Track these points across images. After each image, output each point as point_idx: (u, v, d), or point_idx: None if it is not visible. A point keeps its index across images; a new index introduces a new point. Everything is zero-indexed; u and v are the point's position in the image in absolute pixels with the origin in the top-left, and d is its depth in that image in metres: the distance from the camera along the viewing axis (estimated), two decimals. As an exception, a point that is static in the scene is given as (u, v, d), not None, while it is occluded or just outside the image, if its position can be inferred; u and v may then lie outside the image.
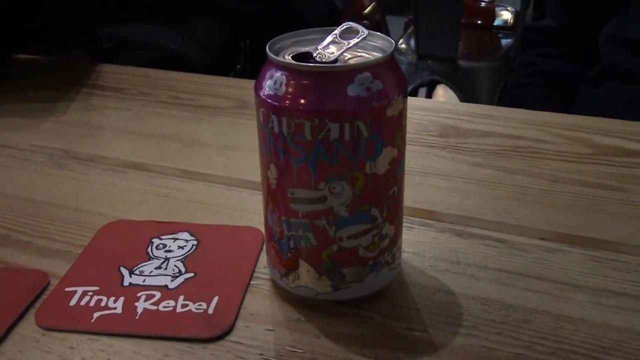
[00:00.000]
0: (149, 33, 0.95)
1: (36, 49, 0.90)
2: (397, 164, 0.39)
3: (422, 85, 2.03)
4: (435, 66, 1.98)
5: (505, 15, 2.34)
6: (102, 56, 0.93)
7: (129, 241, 0.49)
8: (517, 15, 2.20)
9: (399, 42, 2.11)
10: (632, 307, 0.41)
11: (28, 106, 0.75)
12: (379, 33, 0.39)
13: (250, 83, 0.39)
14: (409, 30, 2.13)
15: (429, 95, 2.12)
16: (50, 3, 0.83)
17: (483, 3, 2.43)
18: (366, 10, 2.53)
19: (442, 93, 2.42)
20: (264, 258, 0.46)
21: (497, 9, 2.39)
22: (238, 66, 1.05)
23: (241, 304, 0.43)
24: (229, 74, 1.03)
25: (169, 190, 0.57)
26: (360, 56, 0.39)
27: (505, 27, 2.27)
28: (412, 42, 2.01)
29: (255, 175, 0.41)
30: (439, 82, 2.04)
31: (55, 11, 0.84)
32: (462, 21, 1.92)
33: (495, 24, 2.32)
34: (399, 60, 2.02)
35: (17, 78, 0.83)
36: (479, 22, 2.29)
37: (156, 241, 0.49)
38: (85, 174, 0.60)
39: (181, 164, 0.61)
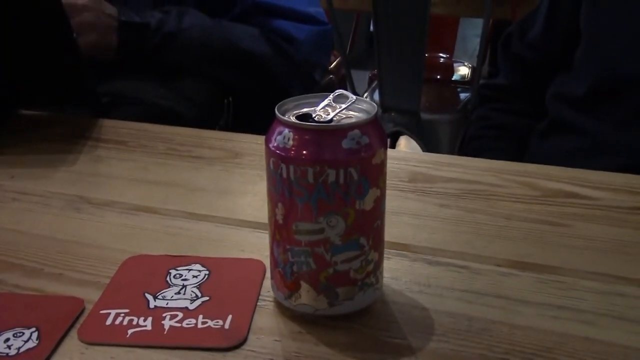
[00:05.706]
0: (143, 90, 1.05)
1: (38, 105, 0.98)
2: (380, 202, 0.49)
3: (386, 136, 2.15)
4: (399, 118, 2.09)
5: (463, 70, 2.50)
6: (99, 110, 1.01)
7: (150, 272, 0.57)
8: (473, 70, 2.35)
9: (364, 96, 2.23)
10: (569, 317, 0.51)
11: (40, 157, 0.83)
12: (365, 99, 0.49)
13: (239, 136, 0.48)
14: (373, 85, 2.26)
15: (392, 145, 2.23)
16: (54, 65, 0.92)
17: (442, 59, 2.59)
18: (331, 66, 2.65)
19: (405, 143, 2.53)
20: (267, 284, 0.55)
21: (454, 64, 2.55)
22: (221, 121, 1.15)
23: (251, 320, 0.51)
24: (214, 128, 1.13)
25: (178, 229, 0.65)
26: (350, 117, 0.49)
27: (463, 81, 2.42)
28: (376, 96, 2.13)
29: (252, 215, 0.50)
30: (402, 134, 2.16)
31: (58, 71, 0.92)
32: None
33: (453, 78, 2.47)
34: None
35: (24, 132, 0.91)
36: (438, 76, 2.44)
37: (173, 271, 0.57)
38: (102, 217, 0.68)
39: (186, 207, 0.69)
